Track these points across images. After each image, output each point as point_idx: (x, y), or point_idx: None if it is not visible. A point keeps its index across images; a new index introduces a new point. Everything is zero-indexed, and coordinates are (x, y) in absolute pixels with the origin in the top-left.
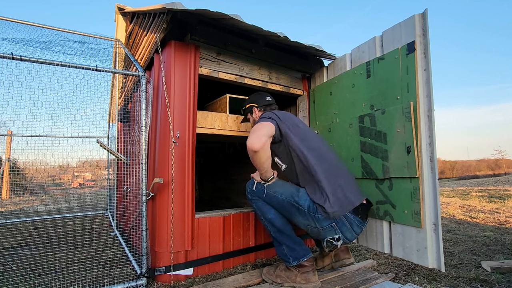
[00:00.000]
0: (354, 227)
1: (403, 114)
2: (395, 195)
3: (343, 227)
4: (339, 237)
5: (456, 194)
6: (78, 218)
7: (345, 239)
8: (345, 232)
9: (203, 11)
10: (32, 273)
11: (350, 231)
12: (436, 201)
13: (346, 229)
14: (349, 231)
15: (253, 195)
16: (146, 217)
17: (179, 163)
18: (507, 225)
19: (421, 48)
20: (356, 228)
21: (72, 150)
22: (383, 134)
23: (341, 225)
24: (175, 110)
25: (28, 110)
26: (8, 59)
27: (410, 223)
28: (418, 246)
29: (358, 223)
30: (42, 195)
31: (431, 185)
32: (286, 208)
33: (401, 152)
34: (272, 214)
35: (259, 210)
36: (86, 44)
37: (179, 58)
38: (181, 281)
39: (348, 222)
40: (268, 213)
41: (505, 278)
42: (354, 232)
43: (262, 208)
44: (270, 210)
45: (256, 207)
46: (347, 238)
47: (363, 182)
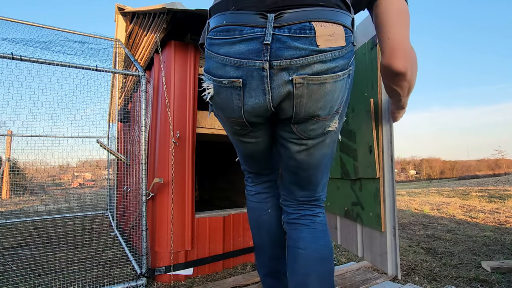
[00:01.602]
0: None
1: (366, 111)
2: (363, 196)
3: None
4: (205, 81)
5: (456, 194)
6: (78, 218)
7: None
8: (208, 70)
9: (203, 11)
10: (32, 273)
11: (214, 59)
12: (394, 204)
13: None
14: (214, 60)
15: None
16: (146, 217)
17: (179, 163)
18: (507, 225)
19: None
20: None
21: (72, 150)
22: (353, 133)
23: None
24: (175, 110)
25: (28, 110)
26: (8, 59)
27: (374, 226)
28: (380, 251)
29: (224, 34)
30: (42, 195)
31: (390, 186)
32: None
33: (365, 151)
34: (252, 226)
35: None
36: (86, 44)
37: (179, 58)
38: (181, 281)
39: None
40: (250, 220)
41: (505, 278)
42: (224, 55)
43: (248, 211)
44: (252, 219)
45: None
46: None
47: (342, 182)
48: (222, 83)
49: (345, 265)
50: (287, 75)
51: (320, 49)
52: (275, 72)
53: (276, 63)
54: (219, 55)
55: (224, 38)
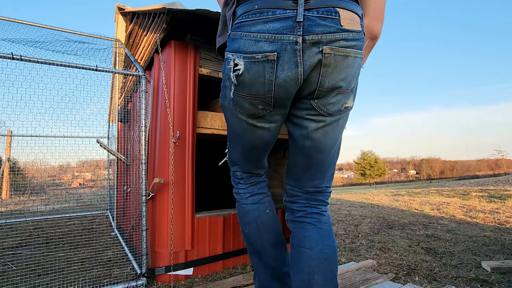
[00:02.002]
0: (245, 27)
1: None
2: None
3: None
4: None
5: (456, 194)
6: (78, 218)
7: (239, 52)
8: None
9: (203, 11)
10: (32, 273)
11: (242, 38)
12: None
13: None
14: (240, 39)
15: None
16: (146, 217)
17: (179, 163)
18: (507, 225)
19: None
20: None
21: (72, 150)
22: None
23: (231, 44)
24: (175, 110)
25: (28, 110)
26: (8, 59)
27: None
28: None
29: (253, 15)
30: (42, 195)
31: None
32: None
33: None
34: (251, 229)
35: (239, 218)
36: (86, 44)
37: (179, 58)
38: (181, 281)
39: (235, 29)
40: (246, 226)
41: (505, 278)
42: (249, 32)
43: (241, 216)
44: (249, 224)
45: (237, 212)
46: (240, 51)
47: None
48: (255, 58)
49: (345, 265)
50: (317, 48)
51: (344, 29)
52: (307, 46)
53: (308, 37)
54: (251, 33)
55: (256, 19)
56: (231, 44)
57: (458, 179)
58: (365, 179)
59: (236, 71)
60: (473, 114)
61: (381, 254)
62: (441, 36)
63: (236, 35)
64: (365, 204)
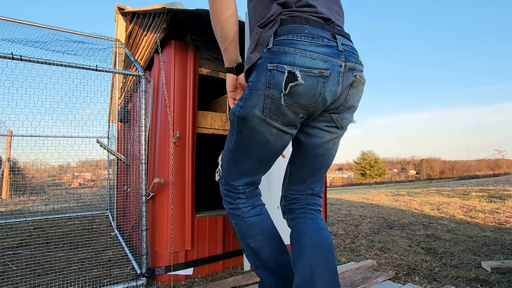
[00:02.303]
0: (300, 45)
1: None
2: None
3: (282, 57)
4: (291, 71)
5: (456, 194)
6: (78, 218)
7: (301, 67)
8: (292, 60)
9: (203, 11)
10: (32, 273)
11: (298, 53)
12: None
13: (288, 56)
14: (297, 54)
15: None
16: (146, 217)
17: (179, 163)
18: (507, 225)
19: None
20: (308, 45)
21: (72, 150)
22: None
23: (278, 56)
24: (175, 110)
25: (28, 110)
26: (8, 59)
27: None
28: None
29: (306, 37)
30: (42, 195)
31: None
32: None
33: None
34: (257, 242)
35: (240, 233)
36: (86, 44)
37: (179, 58)
38: (181, 281)
39: (283, 44)
40: (251, 240)
41: (505, 278)
42: (312, 52)
43: (245, 231)
44: (255, 236)
45: (236, 227)
46: (302, 65)
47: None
48: (311, 73)
49: (345, 265)
50: (352, 73)
51: (361, 62)
52: (346, 70)
53: (347, 64)
54: (307, 51)
55: (310, 41)
56: (282, 57)
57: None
58: (365, 179)
59: (291, 82)
60: (473, 114)
61: (381, 254)
62: (441, 36)
63: (288, 50)
64: (365, 204)
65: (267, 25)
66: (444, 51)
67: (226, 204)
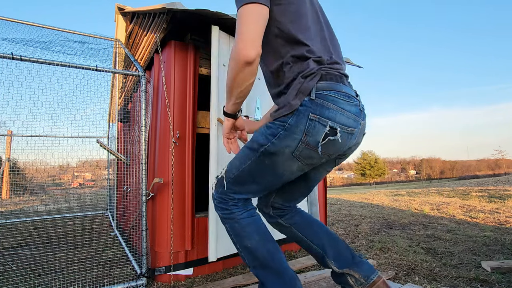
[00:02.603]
0: (342, 105)
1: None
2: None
3: (325, 111)
4: (331, 127)
5: (456, 194)
6: (78, 218)
7: (341, 125)
8: (333, 117)
9: (203, 11)
10: (32, 273)
11: (339, 111)
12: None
13: (332, 112)
14: (338, 112)
15: (223, 206)
16: (146, 217)
17: (179, 163)
18: (507, 225)
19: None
20: (347, 106)
21: (72, 150)
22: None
23: (322, 110)
24: (175, 110)
25: (28, 110)
26: (8, 59)
27: None
28: None
29: (346, 97)
30: (42, 195)
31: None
32: (263, 171)
33: None
34: (254, 240)
35: (235, 235)
36: (86, 44)
37: (179, 58)
38: (181, 281)
39: (328, 101)
40: (247, 240)
41: (505, 278)
42: (347, 111)
43: (240, 232)
44: (251, 235)
45: (230, 230)
46: (343, 124)
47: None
48: (346, 130)
49: None
50: (363, 129)
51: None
52: (361, 126)
53: (363, 121)
54: (345, 111)
55: (347, 101)
56: (325, 112)
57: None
58: (365, 179)
59: (331, 136)
60: (473, 114)
61: (381, 254)
62: (441, 37)
63: (331, 106)
64: (365, 204)
65: (307, 76)
66: (444, 51)
67: (219, 209)
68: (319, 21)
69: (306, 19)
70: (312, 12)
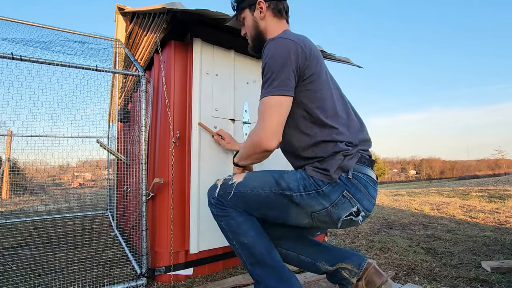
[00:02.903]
0: (370, 190)
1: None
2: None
3: (357, 193)
4: (358, 209)
5: (456, 194)
6: (78, 218)
7: (365, 210)
8: (362, 200)
9: (203, 11)
10: (32, 273)
11: (366, 196)
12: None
13: (362, 196)
14: (366, 197)
15: (221, 207)
16: (146, 217)
17: (179, 163)
18: (507, 225)
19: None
20: (372, 191)
21: (72, 150)
22: None
23: (355, 191)
24: (175, 110)
25: (28, 110)
26: (8, 59)
27: None
28: None
29: (373, 184)
30: (42, 195)
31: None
32: (274, 205)
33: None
34: (250, 237)
35: (231, 232)
36: (86, 44)
37: (179, 58)
38: (181, 281)
39: (362, 184)
40: (244, 236)
41: (505, 278)
42: (372, 197)
43: (236, 229)
44: (248, 231)
45: (226, 227)
46: (366, 209)
47: None
48: (366, 213)
49: None
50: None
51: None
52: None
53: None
54: (371, 197)
55: (373, 187)
56: (357, 194)
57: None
58: None
59: (354, 216)
60: (473, 114)
61: (381, 254)
62: (441, 37)
63: (363, 190)
64: None
65: (347, 156)
66: (444, 51)
67: (214, 207)
68: (341, 96)
69: (332, 101)
70: (334, 89)
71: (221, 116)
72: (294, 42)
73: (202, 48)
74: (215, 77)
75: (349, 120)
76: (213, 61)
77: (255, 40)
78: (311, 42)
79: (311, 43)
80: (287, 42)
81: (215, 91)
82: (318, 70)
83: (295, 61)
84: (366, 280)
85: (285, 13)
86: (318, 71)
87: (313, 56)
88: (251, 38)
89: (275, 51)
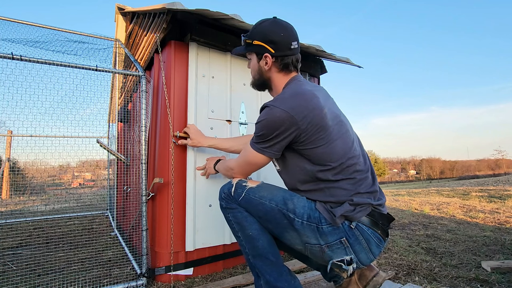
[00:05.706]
0: (371, 245)
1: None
2: None
3: (356, 244)
4: (351, 259)
5: (456, 194)
6: (78, 218)
7: (358, 262)
8: (359, 253)
9: (203, 11)
10: (32, 273)
11: (365, 250)
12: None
13: (360, 248)
14: (365, 250)
15: (230, 203)
16: (146, 217)
17: (179, 163)
18: (507, 225)
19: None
20: (375, 248)
21: (72, 150)
22: None
23: (354, 242)
24: (175, 110)
25: (28, 110)
26: (8, 59)
27: None
28: None
29: (378, 240)
30: (42, 195)
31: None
32: (274, 220)
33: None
34: (255, 230)
35: (237, 224)
36: (86, 44)
37: (179, 58)
38: (181, 281)
39: (363, 237)
40: (249, 228)
41: (505, 278)
42: (372, 253)
43: (242, 221)
44: (252, 225)
45: (233, 219)
46: (361, 262)
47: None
48: (359, 265)
49: None
50: None
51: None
52: None
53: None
54: (371, 252)
55: (377, 244)
56: (355, 245)
57: (458, 179)
58: None
59: (346, 265)
60: (473, 114)
61: (381, 254)
62: (441, 37)
63: (363, 243)
64: None
65: (356, 207)
66: (444, 51)
67: (224, 202)
68: (353, 142)
69: (343, 152)
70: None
71: (217, 117)
72: (288, 114)
73: (198, 51)
74: (211, 79)
75: (361, 174)
76: (209, 63)
77: (258, 81)
78: (314, 96)
79: (314, 97)
80: (281, 114)
81: (211, 93)
82: (321, 127)
83: (288, 131)
84: (358, 275)
85: (293, 66)
86: (321, 127)
87: (311, 120)
88: (254, 78)
89: (267, 123)
